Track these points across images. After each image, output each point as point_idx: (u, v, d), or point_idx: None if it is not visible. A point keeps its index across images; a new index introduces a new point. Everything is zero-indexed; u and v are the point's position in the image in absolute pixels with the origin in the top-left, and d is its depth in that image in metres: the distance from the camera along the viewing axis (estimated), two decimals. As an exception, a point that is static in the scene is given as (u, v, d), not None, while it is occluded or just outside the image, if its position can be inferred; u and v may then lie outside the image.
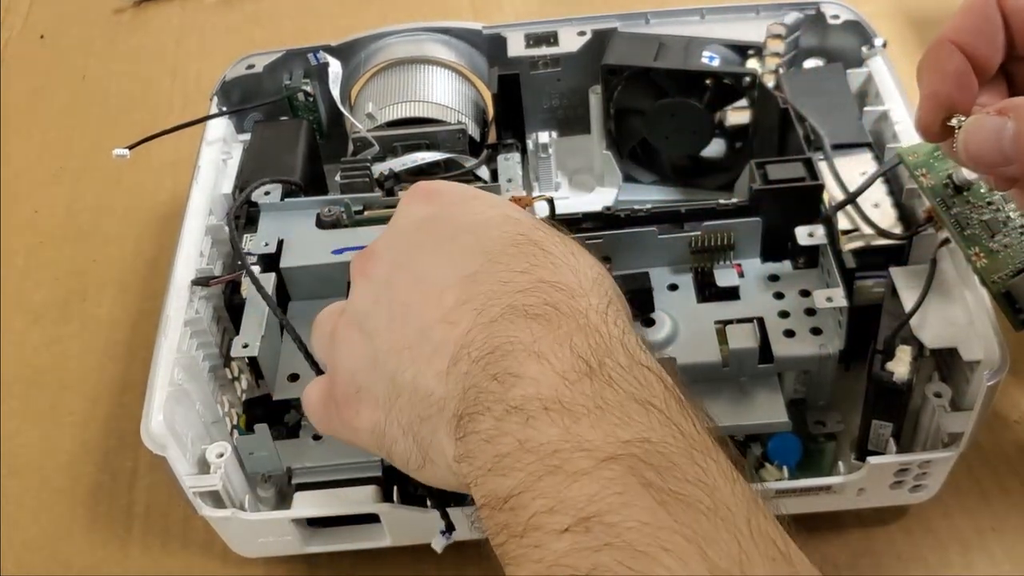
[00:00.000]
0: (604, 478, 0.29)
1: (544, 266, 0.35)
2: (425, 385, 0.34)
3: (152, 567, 0.53)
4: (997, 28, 0.39)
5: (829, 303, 0.47)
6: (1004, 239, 0.44)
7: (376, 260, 0.38)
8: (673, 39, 0.60)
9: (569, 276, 0.34)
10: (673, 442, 0.30)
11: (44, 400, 0.61)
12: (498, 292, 0.34)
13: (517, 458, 0.30)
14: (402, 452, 0.36)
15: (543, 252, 0.35)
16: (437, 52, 0.64)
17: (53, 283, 0.69)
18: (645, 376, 0.32)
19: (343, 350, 0.38)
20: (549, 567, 0.28)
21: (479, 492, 0.31)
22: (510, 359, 0.32)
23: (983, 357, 0.44)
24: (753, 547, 0.28)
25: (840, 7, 0.62)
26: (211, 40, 0.87)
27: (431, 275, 0.36)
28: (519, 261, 0.35)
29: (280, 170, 0.57)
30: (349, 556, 0.51)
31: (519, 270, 0.34)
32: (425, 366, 0.34)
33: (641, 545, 0.27)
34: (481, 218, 0.37)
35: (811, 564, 0.29)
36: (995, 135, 0.37)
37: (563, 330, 0.32)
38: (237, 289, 0.52)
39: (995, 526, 0.51)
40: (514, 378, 0.31)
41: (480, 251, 0.35)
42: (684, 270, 0.52)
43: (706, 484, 0.29)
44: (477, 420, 0.32)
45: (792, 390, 0.50)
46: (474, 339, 0.33)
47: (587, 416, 0.30)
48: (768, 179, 0.51)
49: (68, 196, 0.75)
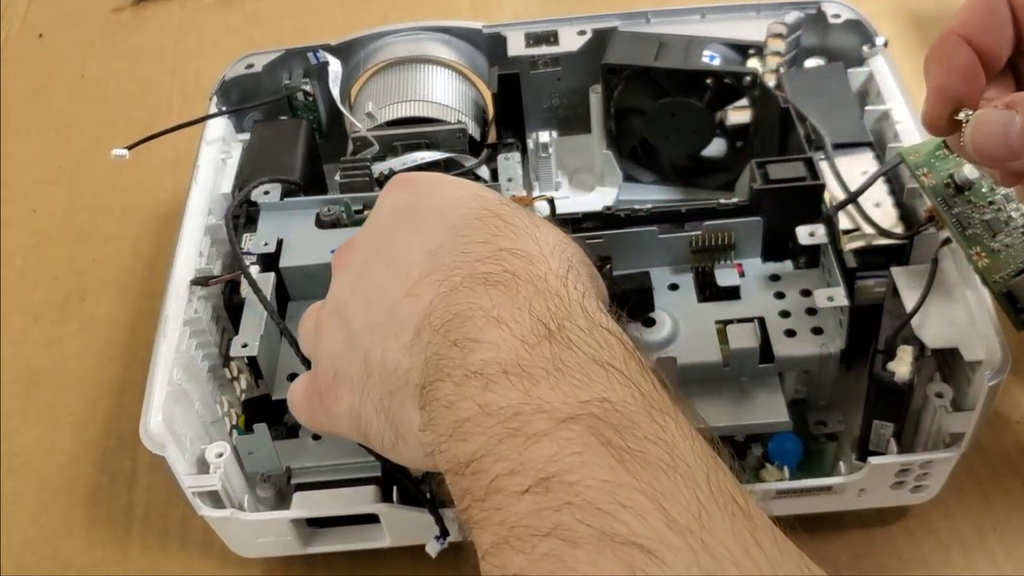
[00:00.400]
0: (563, 438, 0.29)
1: (505, 235, 0.35)
2: (392, 359, 0.35)
3: (151, 567, 0.53)
4: (1005, 21, 0.39)
5: (830, 303, 0.47)
6: (1005, 239, 0.43)
7: (353, 251, 0.40)
8: (674, 38, 0.60)
9: (530, 244, 0.35)
10: (632, 401, 0.30)
11: (43, 400, 0.61)
12: (459, 262, 0.34)
13: (478, 422, 0.30)
14: (377, 431, 0.36)
15: (505, 223, 0.36)
16: (437, 51, 0.64)
17: (52, 283, 0.68)
18: (605, 338, 0.32)
19: (324, 340, 0.39)
20: (510, 528, 0.28)
21: (443, 459, 0.32)
22: (469, 325, 0.32)
23: (984, 357, 0.44)
24: (712, 502, 0.28)
25: (841, 6, 0.62)
26: (210, 39, 0.87)
27: (402, 256, 0.37)
28: (481, 233, 0.35)
29: (279, 170, 0.57)
30: (348, 556, 0.51)
31: (480, 240, 0.35)
32: (393, 341, 0.35)
33: (601, 503, 0.27)
34: (451, 197, 0.38)
35: (769, 519, 0.29)
36: (1002, 129, 0.36)
37: (522, 295, 0.33)
38: (236, 289, 0.52)
39: (996, 527, 0.50)
40: (473, 343, 0.32)
41: (446, 227, 0.36)
42: (685, 270, 0.52)
43: (665, 442, 0.29)
44: (437, 387, 0.32)
45: (793, 390, 0.50)
46: (435, 308, 0.34)
47: (546, 378, 0.30)
48: (769, 179, 0.51)
49: (67, 196, 0.74)
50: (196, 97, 0.74)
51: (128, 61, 0.86)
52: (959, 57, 0.38)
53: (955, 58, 0.38)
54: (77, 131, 0.80)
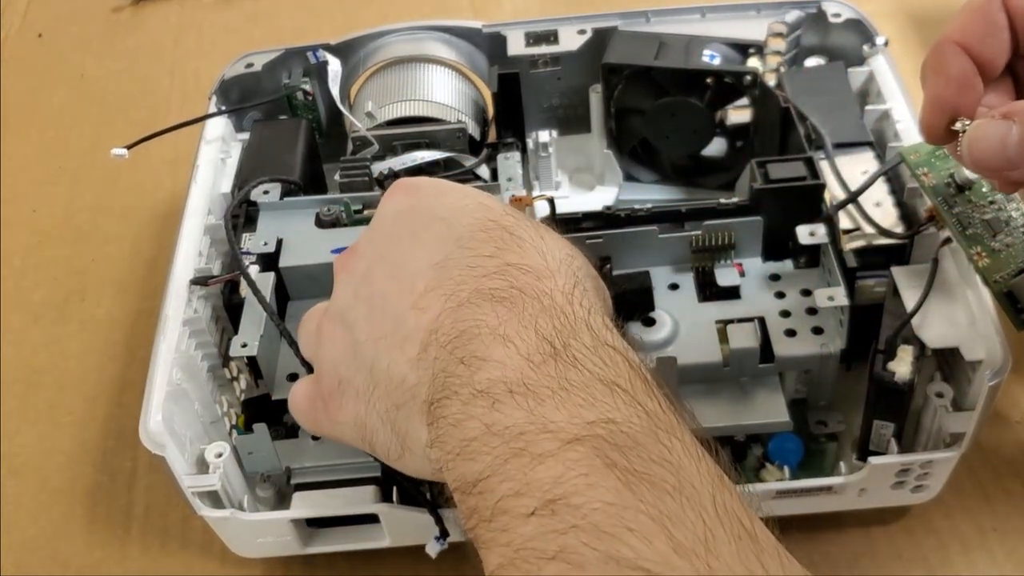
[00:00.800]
0: (569, 460, 0.29)
1: (511, 249, 0.35)
2: (399, 372, 0.35)
3: (151, 567, 0.53)
4: (1002, 27, 0.38)
5: (830, 302, 0.47)
6: (1006, 238, 0.43)
7: (356, 256, 0.39)
8: (674, 38, 0.60)
9: (536, 258, 0.35)
10: (638, 422, 0.30)
11: (43, 400, 0.61)
12: (466, 276, 0.34)
13: (484, 442, 0.30)
14: (383, 442, 0.36)
15: (511, 236, 0.36)
16: (437, 51, 0.64)
17: (52, 283, 0.68)
18: (610, 356, 0.32)
19: (326, 345, 0.39)
20: (516, 551, 0.28)
21: (450, 477, 0.32)
22: (476, 342, 0.32)
23: (985, 357, 0.44)
24: (718, 525, 0.28)
25: (841, 5, 0.62)
26: (210, 39, 0.87)
27: (406, 265, 0.36)
28: (487, 245, 0.35)
29: (279, 169, 0.57)
30: (348, 556, 0.51)
31: (486, 254, 0.35)
32: (398, 354, 0.35)
33: (606, 526, 0.27)
34: (455, 206, 0.38)
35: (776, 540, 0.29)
36: (1000, 140, 0.36)
37: (528, 312, 0.33)
38: (236, 288, 0.52)
39: (997, 527, 0.50)
40: (480, 361, 0.32)
41: (451, 238, 0.36)
42: (685, 269, 0.52)
43: (671, 463, 0.29)
44: (445, 405, 0.32)
45: (793, 390, 0.50)
46: (442, 324, 0.34)
47: (551, 397, 0.30)
48: (769, 178, 0.51)
49: (66, 195, 0.74)
50: (195, 97, 0.74)
51: (127, 61, 0.86)
52: (955, 66, 0.38)
53: (951, 67, 0.38)
54: (76, 131, 0.80)
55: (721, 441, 0.50)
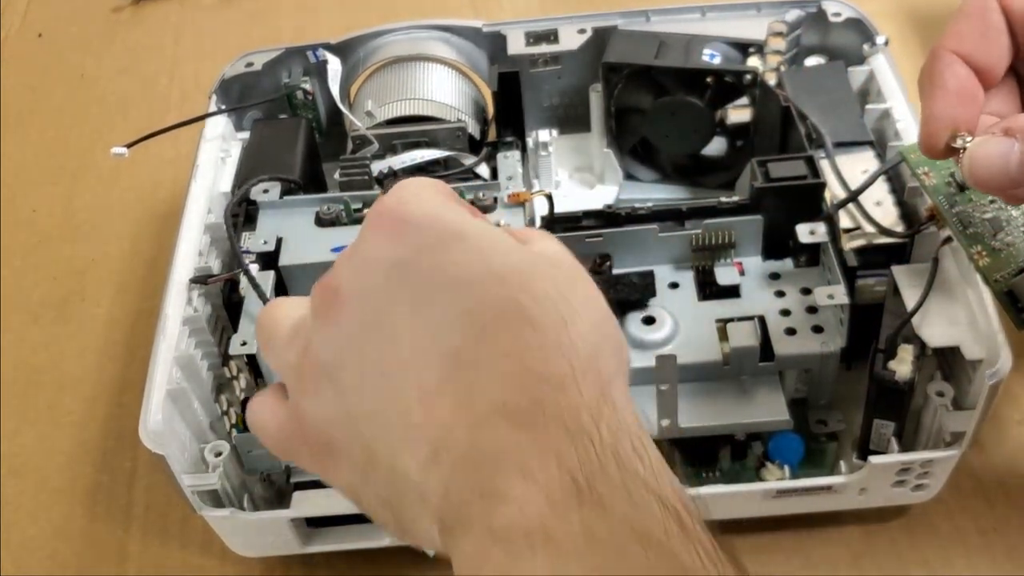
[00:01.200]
0: None
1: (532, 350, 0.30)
2: (403, 468, 0.31)
3: (151, 567, 0.53)
4: (1000, 31, 0.37)
5: (831, 301, 0.47)
6: (1006, 237, 0.43)
7: (340, 304, 0.33)
8: (674, 37, 0.60)
9: (560, 362, 0.30)
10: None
11: (43, 400, 0.61)
12: (481, 380, 0.30)
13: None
14: (381, 520, 0.33)
15: (532, 328, 0.30)
16: (437, 50, 0.64)
17: (51, 283, 0.68)
18: (641, 496, 0.28)
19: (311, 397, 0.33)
20: None
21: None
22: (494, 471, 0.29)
23: (985, 356, 0.44)
24: None
25: (842, 5, 0.62)
26: (209, 38, 0.87)
27: (408, 342, 0.31)
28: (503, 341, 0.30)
29: (279, 168, 0.57)
30: (348, 556, 0.51)
31: (503, 353, 0.30)
32: (401, 447, 0.31)
33: None
34: (461, 275, 0.32)
35: None
36: (1002, 159, 0.35)
37: (551, 438, 0.29)
38: (235, 287, 0.52)
39: (997, 526, 0.50)
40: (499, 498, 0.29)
41: (460, 324, 0.31)
42: (685, 268, 0.52)
43: None
44: (458, 535, 0.29)
45: (793, 389, 0.50)
46: (456, 436, 0.30)
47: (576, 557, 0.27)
48: (769, 177, 0.51)
49: (66, 195, 0.74)
50: (195, 96, 0.74)
51: (127, 60, 0.86)
52: (953, 78, 0.37)
53: (948, 80, 0.37)
54: (76, 130, 0.80)
55: (721, 440, 0.50)
